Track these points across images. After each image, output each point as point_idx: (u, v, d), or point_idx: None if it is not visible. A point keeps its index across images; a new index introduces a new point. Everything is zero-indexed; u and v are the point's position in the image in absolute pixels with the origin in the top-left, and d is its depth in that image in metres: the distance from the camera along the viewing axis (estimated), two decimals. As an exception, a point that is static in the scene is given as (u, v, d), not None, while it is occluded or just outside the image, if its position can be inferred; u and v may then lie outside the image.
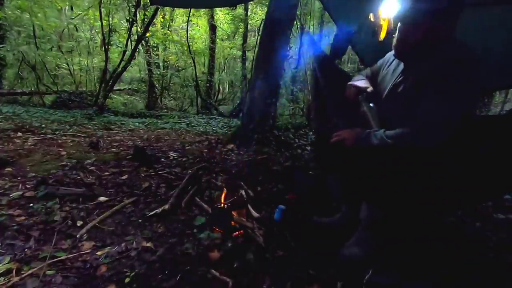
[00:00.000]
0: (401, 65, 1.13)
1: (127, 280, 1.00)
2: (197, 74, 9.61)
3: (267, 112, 3.43)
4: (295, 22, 4.47)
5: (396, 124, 1.03)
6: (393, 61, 1.21)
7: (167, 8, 9.58)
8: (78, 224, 1.34)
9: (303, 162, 2.80)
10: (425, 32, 0.97)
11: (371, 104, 1.18)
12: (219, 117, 7.71)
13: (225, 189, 1.71)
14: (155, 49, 10.04)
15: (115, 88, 7.86)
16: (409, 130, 0.99)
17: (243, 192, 1.76)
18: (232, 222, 1.37)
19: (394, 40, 1.09)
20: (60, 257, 1.09)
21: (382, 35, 1.47)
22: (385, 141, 1.02)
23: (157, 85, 10.11)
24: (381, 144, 1.03)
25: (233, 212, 1.42)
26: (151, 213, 1.48)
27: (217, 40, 10.57)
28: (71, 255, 1.11)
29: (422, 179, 0.98)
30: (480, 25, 1.61)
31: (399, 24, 1.05)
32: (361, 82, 1.26)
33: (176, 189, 1.79)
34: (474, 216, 1.69)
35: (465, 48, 0.95)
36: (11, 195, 1.56)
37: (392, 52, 1.21)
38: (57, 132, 3.44)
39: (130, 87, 10.75)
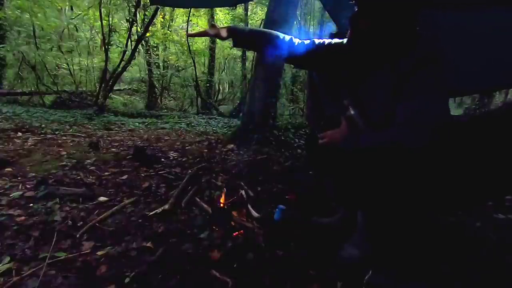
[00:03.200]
0: (363, 63, 1.08)
1: (127, 280, 1.00)
2: (197, 74, 9.59)
3: (267, 112, 3.43)
4: (295, 22, 4.46)
5: (375, 126, 1.02)
6: (349, 54, 1.13)
7: (167, 8, 9.58)
8: (78, 224, 1.35)
9: (303, 162, 2.80)
10: (368, 28, 0.97)
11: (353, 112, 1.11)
12: (219, 117, 7.70)
13: (225, 189, 1.71)
14: (155, 49, 10.04)
15: (115, 88, 7.85)
16: (394, 131, 0.98)
17: (243, 192, 1.76)
18: (232, 222, 1.37)
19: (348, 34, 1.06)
20: (60, 257, 1.09)
21: None
22: (372, 142, 1.01)
23: (157, 85, 10.11)
24: (368, 145, 1.01)
25: (233, 212, 1.42)
26: (151, 213, 1.48)
27: (217, 40, 10.55)
28: (71, 255, 1.11)
29: (416, 181, 0.97)
30: (479, 25, 1.61)
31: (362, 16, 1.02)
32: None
33: (176, 189, 1.79)
34: (474, 216, 1.69)
35: (434, 47, 0.96)
36: (11, 195, 1.56)
37: (344, 41, 1.16)
38: (57, 132, 3.44)
39: (130, 87, 10.74)
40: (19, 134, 3.12)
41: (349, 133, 1.08)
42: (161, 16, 9.83)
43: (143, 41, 7.98)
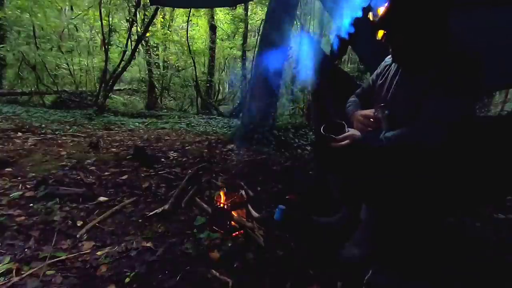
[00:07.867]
0: (400, 69, 1.12)
1: (127, 280, 1.00)
2: (197, 74, 9.61)
3: (267, 112, 3.43)
4: (295, 22, 4.46)
5: (399, 127, 1.03)
6: (390, 65, 1.20)
7: (167, 8, 9.58)
8: (78, 224, 1.34)
9: (303, 162, 2.80)
10: (423, 38, 0.97)
11: (386, 112, 1.14)
12: (219, 117, 7.70)
13: (225, 189, 1.71)
14: (155, 49, 10.04)
15: (115, 88, 7.85)
16: (406, 131, 0.99)
17: (243, 192, 1.76)
18: (232, 222, 1.37)
19: (392, 50, 1.08)
20: (60, 257, 1.09)
21: (380, 34, 1.47)
22: (383, 142, 1.02)
23: (157, 85, 10.11)
24: (379, 145, 1.02)
25: (233, 212, 1.42)
26: (151, 213, 1.48)
27: (217, 40, 10.57)
28: (71, 255, 1.11)
29: (423, 181, 0.98)
30: (479, 25, 1.61)
31: (392, 34, 1.04)
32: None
33: (176, 189, 1.79)
34: (474, 216, 1.69)
35: (467, 50, 0.94)
36: (11, 195, 1.56)
37: (389, 57, 1.21)
38: (57, 132, 3.44)
39: (130, 87, 10.74)
40: (19, 134, 3.12)
41: (370, 132, 1.09)
42: (161, 16, 9.85)
43: (143, 41, 7.98)
